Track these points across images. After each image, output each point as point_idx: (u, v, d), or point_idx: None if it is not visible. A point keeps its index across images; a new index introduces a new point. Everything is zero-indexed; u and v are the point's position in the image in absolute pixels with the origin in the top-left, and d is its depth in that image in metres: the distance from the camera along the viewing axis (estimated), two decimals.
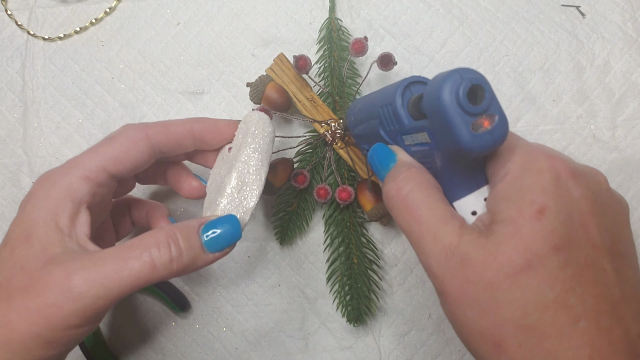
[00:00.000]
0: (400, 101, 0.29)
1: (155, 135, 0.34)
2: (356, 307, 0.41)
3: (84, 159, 0.32)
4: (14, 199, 0.47)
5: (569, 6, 0.46)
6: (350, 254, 0.42)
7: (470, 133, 0.24)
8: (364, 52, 0.41)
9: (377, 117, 0.32)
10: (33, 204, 0.30)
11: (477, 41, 0.46)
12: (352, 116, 0.37)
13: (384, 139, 0.32)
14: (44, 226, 0.29)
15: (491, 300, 0.25)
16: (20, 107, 0.48)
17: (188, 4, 0.48)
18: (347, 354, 0.43)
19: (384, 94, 0.31)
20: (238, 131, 0.37)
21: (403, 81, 0.30)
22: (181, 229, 0.30)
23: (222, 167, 0.36)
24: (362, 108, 0.35)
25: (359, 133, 0.36)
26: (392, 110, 0.30)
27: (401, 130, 0.30)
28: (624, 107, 0.45)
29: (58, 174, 0.31)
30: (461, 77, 0.25)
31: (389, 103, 0.30)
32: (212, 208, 0.34)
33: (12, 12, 0.49)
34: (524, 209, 0.25)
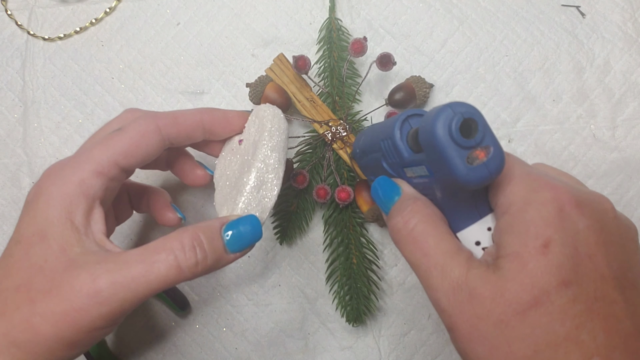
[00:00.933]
0: (399, 134, 0.30)
1: (166, 127, 0.33)
2: (355, 307, 0.41)
3: (95, 152, 0.31)
4: (14, 199, 0.47)
5: (569, 6, 0.46)
6: (350, 254, 0.42)
7: (465, 166, 0.24)
8: (363, 52, 0.41)
9: (379, 150, 0.32)
10: (45, 201, 0.29)
11: (477, 41, 0.46)
12: (357, 148, 0.38)
13: (387, 172, 0.32)
14: (60, 225, 0.29)
15: (501, 337, 0.24)
16: (20, 107, 0.48)
17: (188, 4, 0.48)
18: (347, 354, 0.43)
19: (385, 127, 0.32)
20: (249, 123, 0.36)
21: (401, 115, 0.30)
22: (204, 231, 0.30)
23: (231, 159, 0.36)
24: (365, 141, 0.36)
25: (364, 164, 0.37)
26: (392, 144, 0.30)
27: (402, 163, 0.30)
28: (624, 107, 0.44)
29: (69, 168, 0.30)
30: (453, 111, 0.25)
31: (388, 137, 0.30)
32: (229, 206, 0.34)
33: (12, 12, 0.49)
34: (528, 243, 0.25)
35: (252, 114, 0.36)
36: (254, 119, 0.36)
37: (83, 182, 0.30)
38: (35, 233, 0.29)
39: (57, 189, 0.30)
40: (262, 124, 0.35)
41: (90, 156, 0.31)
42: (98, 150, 0.31)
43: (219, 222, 0.31)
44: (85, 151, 0.31)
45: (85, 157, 0.31)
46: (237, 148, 0.36)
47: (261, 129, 0.35)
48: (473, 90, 0.45)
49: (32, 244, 0.29)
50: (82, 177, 0.30)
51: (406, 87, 0.42)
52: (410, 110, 0.30)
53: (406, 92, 0.42)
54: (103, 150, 0.31)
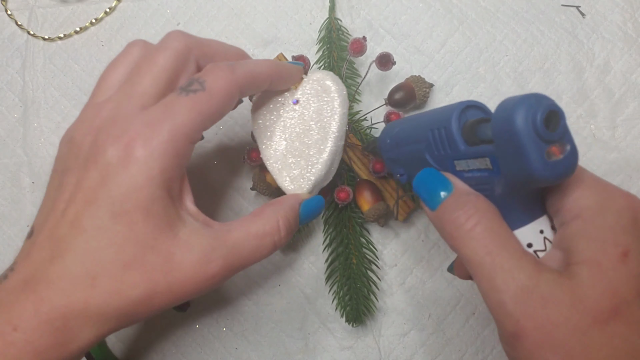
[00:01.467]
0: (457, 125, 0.28)
1: (245, 87, 0.31)
2: (355, 307, 0.41)
3: (184, 117, 0.28)
4: (14, 199, 0.47)
5: (569, 6, 0.46)
6: (349, 254, 0.42)
7: (544, 161, 0.23)
8: (362, 52, 0.41)
9: (423, 141, 0.31)
10: (142, 171, 0.27)
11: (477, 41, 0.46)
12: (387, 138, 0.35)
13: (429, 164, 0.31)
14: (161, 200, 0.28)
15: (578, 345, 0.23)
16: (20, 107, 0.48)
17: (188, 4, 0.48)
18: (347, 354, 0.43)
19: (435, 117, 0.30)
20: (303, 85, 0.36)
21: (459, 104, 0.28)
22: (290, 213, 0.33)
23: (285, 118, 0.36)
24: (403, 130, 0.34)
25: (394, 157, 0.35)
26: (447, 135, 0.28)
27: (454, 155, 0.29)
28: (624, 107, 0.44)
29: (161, 137, 0.27)
30: (537, 102, 0.24)
31: (442, 127, 0.29)
32: (297, 179, 0.36)
33: (12, 12, 0.49)
34: (607, 250, 0.24)
35: (311, 79, 0.36)
36: (315, 85, 0.36)
37: (178, 151, 0.28)
38: (137, 207, 0.27)
39: (153, 157, 0.27)
40: (331, 99, 0.35)
41: (182, 123, 0.28)
42: (187, 115, 0.28)
43: (297, 202, 0.34)
44: (171, 115, 0.28)
45: (173, 123, 0.28)
46: (292, 108, 0.36)
47: (331, 105, 0.35)
48: (473, 90, 0.45)
49: (135, 220, 0.27)
50: (177, 146, 0.28)
51: (406, 86, 0.42)
52: (468, 101, 0.29)
53: (406, 92, 0.42)
54: (193, 116, 0.28)
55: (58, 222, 0.27)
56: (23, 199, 0.47)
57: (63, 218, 0.27)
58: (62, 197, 0.28)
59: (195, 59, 0.31)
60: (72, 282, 0.27)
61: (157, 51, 0.30)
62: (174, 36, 0.31)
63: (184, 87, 0.29)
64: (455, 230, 0.27)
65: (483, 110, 0.29)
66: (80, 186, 0.27)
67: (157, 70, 0.30)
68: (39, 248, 0.27)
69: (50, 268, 0.27)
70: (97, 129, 0.28)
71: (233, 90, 0.30)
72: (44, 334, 0.26)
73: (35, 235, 0.28)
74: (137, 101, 0.29)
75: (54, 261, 0.27)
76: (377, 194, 0.41)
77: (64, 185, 0.28)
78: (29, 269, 0.27)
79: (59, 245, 0.27)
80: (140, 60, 0.31)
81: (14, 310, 0.26)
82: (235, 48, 0.35)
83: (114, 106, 0.29)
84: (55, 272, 0.27)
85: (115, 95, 0.30)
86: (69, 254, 0.27)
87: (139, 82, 0.29)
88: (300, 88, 0.37)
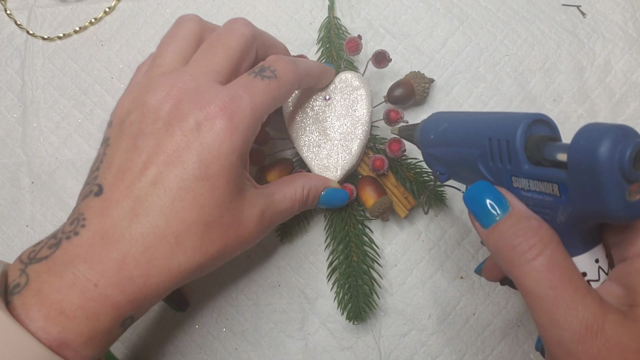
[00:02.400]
0: (522, 141, 0.26)
1: (304, 81, 0.36)
2: (356, 304, 0.41)
3: (261, 98, 0.31)
4: (13, 199, 0.47)
5: (569, 6, 0.46)
6: (350, 252, 0.42)
7: (624, 200, 0.22)
8: (358, 50, 0.41)
9: (478, 148, 0.28)
10: (226, 140, 0.29)
11: (477, 41, 0.46)
12: (430, 133, 0.32)
13: (481, 174, 0.28)
14: (238, 168, 0.31)
15: None
16: (20, 106, 0.47)
17: (188, 3, 0.48)
18: (347, 354, 0.43)
19: (495, 124, 0.27)
20: (335, 85, 0.41)
21: (526, 117, 0.26)
22: (313, 190, 0.38)
23: (318, 111, 0.41)
24: (453, 130, 0.31)
25: (437, 155, 0.32)
26: (508, 149, 0.26)
27: (514, 172, 0.26)
28: (624, 107, 0.44)
29: (244, 112, 0.30)
30: (626, 136, 0.22)
31: (504, 138, 0.26)
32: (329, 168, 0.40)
33: (11, 12, 0.48)
34: None
35: (337, 76, 0.41)
36: (342, 82, 0.41)
37: (255, 128, 0.32)
38: (219, 174, 0.29)
39: (238, 130, 0.30)
40: (357, 90, 0.40)
41: (258, 104, 0.31)
42: (264, 97, 0.32)
43: (322, 187, 0.39)
44: (249, 93, 0.31)
45: (253, 101, 0.31)
46: (324, 103, 0.41)
47: (357, 95, 0.40)
48: (473, 90, 0.45)
49: (218, 185, 0.29)
50: (255, 122, 0.31)
51: (405, 83, 0.42)
52: (536, 114, 0.26)
53: (405, 89, 0.42)
54: (267, 98, 0.32)
55: (136, 180, 0.28)
56: (22, 199, 0.46)
57: (142, 177, 0.28)
58: (139, 159, 0.29)
59: (256, 48, 0.35)
60: (156, 240, 0.28)
61: (227, 34, 0.33)
62: (242, 23, 0.34)
63: (257, 72, 0.32)
64: (515, 258, 0.26)
65: (549, 126, 0.27)
66: (161, 149, 0.29)
67: (231, 52, 0.32)
68: (115, 205, 0.28)
69: (132, 225, 0.28)
70: (178, 98, 0.30)
71: (296, 82, 0.34)
72: (124, 290, 0.27)
73: (108, 193, 0.29)
74: (215, 77, 0.31)
75: (136, 219, 0.28)
76: (380, 188, 0.41)
77: (139, 147, 0.29)
78: (106, 225, 0.28)
79: (141, 203, 0.28)
80: (213, 40, 0.33)
81: (96, 267, 0.27)
82: (282, 44, 0.38)
83: (192, 78, 0.31)
84: (138, 229, 0.28)
85: (191, 68, 0.31)
86: (153, 212, 0.28)
87: (214, 61, 0.32)
88: (330, 86, 0.41)
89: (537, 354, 0.42)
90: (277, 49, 0.37)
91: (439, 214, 0.44)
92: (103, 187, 0.29)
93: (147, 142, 0.29)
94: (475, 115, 0.30)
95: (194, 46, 0.33)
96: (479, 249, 0.43)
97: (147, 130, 0.29)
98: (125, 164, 0.29)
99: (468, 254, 0.43)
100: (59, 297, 0.26)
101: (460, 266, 0.43)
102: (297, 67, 0.34)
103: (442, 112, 0.33)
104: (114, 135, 0.31)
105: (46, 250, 0.28)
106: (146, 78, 0.32)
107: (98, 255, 0.27)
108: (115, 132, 0.31)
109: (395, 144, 0.40)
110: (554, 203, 0.25)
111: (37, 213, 0.46)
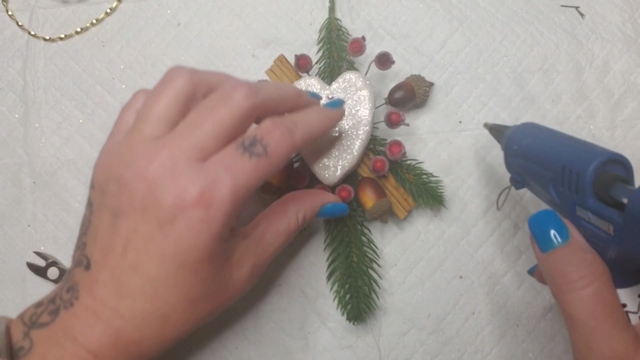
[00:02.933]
0: (592, 178, 0.27)
1: (301, 148, 0.36)
2: (356, 305, 0.41)
3: (245, 179, 0.29)
4: (15, 199, 0.47)
5: (568, 7, 0.46)
6: (350, 253, 0.42)
7: None
8: (361, 51, 0.41)
9: (552, 172, 0.30)
10: (211, 233, 0.28)
11: (476, 42, 0.46)
12: (514, 144, 0.34)
13: (550, 195, 0.30)
14: (220, 245, 0.30)
15: None
16: (21, 107, 0.48)
17: (188, 4, 0.48)
18: (347, 353, 0.43)
19: (572, 152, 0.29)
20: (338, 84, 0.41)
21: (602, 155, 0.27)
22: (308, 212, 0.37)
23: None
24: (533, 148, 0.32)
25: (515, 165, 0.34)
26: (578, 181, 0.28)
27: (579, 202, 0.28)
28: (623, 108, 0.45)
29: (223, 197, 0.28)
30: None
31: (576, 171, 0.28)
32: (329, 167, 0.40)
33: (13, 13, 0.49)
34: None
35: (341, 76, 0.41)
36: (345, 81, 0.41)
37: (237, 209, 0.29)
38: (199, 260, 0.29)
39: (216, 218, 0.28)
40: (360, 90, 0.40)
41: (242, 182, 0.29)
42: (248, 177, 0.29)
43: (319, 204, 0.38)
44: (231, 174, 0.28)
45: (235, 183, 0.28)
46: (327, 101, 0.40)
47: (360, 94, 0.40)
48: (472, 91, 0.45)
49: (199, 269, 0.29)
50: (237, 204, 0.29)
51: (406, 86, 0.43)
52: (612, 153, 0.27)
53: (406, 91, 0.42)
54: (254, 178, 0.29)
55: (119, 264, 0.29)
56: (24, 199, 0.47)
57: (124, 261, 0.28)
58: (119, 240, 0.29)
59: (255, 117, 0.31)
60: (144, 320, 0.29)
61: (223, 104, 0.29)
62: (245, 93, 0.30)
63: (247, 146, 0.29)
64: (564, 285, 0.27)
65: (625, 167, 0.28)
66: (139, 235, 0.28)
67: (222, 128, 0.29)
68: (102, 285, 0.29)
69: (120, 306, 0.29)
70: (154, 180, 0.28)
71: (290, 155, 0.31)
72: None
73: (95, 270, 0.29)
74: (197, 155, 0.28)
75: (123, 301, 0.29)
76: (380, 190, 0.41)
77: (119, 228, 0.29)
78: (97, 302, 0.29)
79: (126, 287, 0.29)
80: (205, 110, 0.30)
81: (92, 341, 0.28)
82: (291, 91, 0.35)
83: (171, 155, 0.28)
84: (127, 310, 0.29)
85: (172, 143, 0.29)
86: (138, 295, 0.29)
87: (200, 137, 0.29)
88: (334, 85, 0.41)
89: (536, 353, 0.42)
90: (284, 105, 0.34)
91: (437, 213, 0.44)
92: (90, 263, 0.30)
93: (126, 225, 0.28)
94: (557, 138, 0.32)
95: (183, 108, 0.30)
96: (477, 248, 0.44)
97: (125, 210, 0.28)
98: (108, 243, 0.29)
99: (467, 253, 0.44)
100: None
101: (459, 266, 0.43)
102: (293, 138, 0.31)
103: (530, 125, 0.35)
104: (96, 202, 0.30)
105: (47, 317, 0.29)
106: (125, 143, 0.30)
107: (92, 329, 0.28)
108: (97, 198, 0.30)
109: (395, 147, 0.40)
110: (608, 240, 0.27)
111: (39, 213, 0.46)
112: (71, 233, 0.46)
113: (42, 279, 0.45)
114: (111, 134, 0.32)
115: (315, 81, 0.41)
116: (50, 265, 0.44)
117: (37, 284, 0.45)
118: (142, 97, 0.32)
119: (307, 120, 0.33)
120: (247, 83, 0.31)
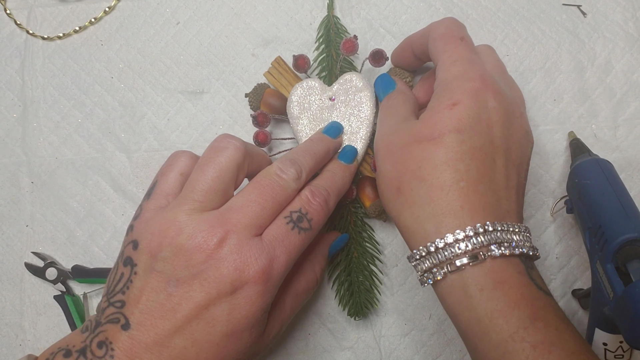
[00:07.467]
0: (616, 248, 0.31)
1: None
2: (357, 300, 0.41)
3: (295, 252, 0.33)
4: (13, 199, 0.46)
5: (570, 5, 0.46)
6: (351, 248, 0.42)
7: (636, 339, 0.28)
8: (354, 50, 0.41)
9: (591, 223, 0.34)
10: (262, 307, 0.32)
11: (477, 41, 0.45)
12: (577, 177, 0.38)
13: (585, 238, 0.35)
14: (264, 320, 0.33)
15: (402, 155, 0.32)
16: (20, 106, 0.47)
17: (188, 3, 0.48)
18: (347, 354, 0.43)
19: (612, 217, 0.33)
20: (339, 85, 0.41)
21: (632, 232, 0.31)
22: (322, 261, 0.39)
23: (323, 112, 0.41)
24: (587, 192, 0.36)
25: (571, 194, 0.39)
26: (605, 245, 0.32)
27: (600, 260, 0.32)
28: (625, 107, 0.44)
29: (279, 271, 0.32)
30: None
31: (607, 235, 0.32)
32: None
33: (11, 12, 0.48)
34: (442, 102, 0.32)
35: (341, 77, 0.41)
36: (346, 82, 0.41)
37: (281, 281, 0.33)
38: (245, 329, 0.31)
39: (269, 291, 0.32)
40: (361, 90, 0.40)
41: (293, 255, 0.33)
42: (298, 250, 0.33)
43: (326, 247, 0.40)
44: (285, 249, 0.32)
45: (288, 257, 0.32)
46: (329, 104, 0.41)
47: (361, 94, 0.41)
48: None
49: (243, 337, 0.31)
50: (282, 279, 0.33)
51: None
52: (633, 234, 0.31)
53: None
54: (298, 252, 0.34)
55: (166, 330, 0.30)
56: (22, 198, 0.46)
57: (172, 327, 0.30)
58: (169, 305, 0.30)
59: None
60: None
61: (275, 185, 0.33)
62: (290, 175, 0.34)
63: (295, 221, 0.33)
64: (385, 101, 0.39)
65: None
66: (193, 302, 0.30)
67: (274, 206, 0.33)
68: (144, 349, 0.30)
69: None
70: (218, 254, 0.30)
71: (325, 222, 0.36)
72: None
73: (136, 332, 0.30)
74: (255, 231, 0.32)
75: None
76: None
77: (172, 296, 0.30)
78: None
79: (169, 353, 0.30)
80: (257, 186, 0.33)
81: None
82: (322, 151, 0.38)
83: (233, 231, 0.31)
84: None
85: (232, 216, 0.31)
86: (180, 359, 0.30)
87: (256, 211, 0.32)
88: (335, 86, 0.41)
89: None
90: (318, 168, 0.38)
91: None
92: (130, 323, 0.30)
93: (180, 292, 0.30)
94: (610, 193, 0.35)
95: (234, 178, 0.33)
96: None
97: (180, 277, 0.30)
98: (155, 308, 0.30)
99: None
100: None
101: None
102: (329, 208, 0.35)
103: (599, 165, 0.38)
104: (142, 265, 0.31)
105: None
106: (183, 212, 0.31)
107: None
108: (144, 262, 0.31)
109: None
110: (607, 300, 0.31)
111: (37, 213, 0.46)
112: (69, 233, 0.46)
113: (40, 280, 0.44)
114: (153, 195, 0.34)
115: (316, 83, 0.41)
116: (48, 266, 0.44)
117: (35, 285, 0.45)
118: (184, 158, 0.34)
119: (336, 183, 0.37)
120: (291, 162, 0.34)
